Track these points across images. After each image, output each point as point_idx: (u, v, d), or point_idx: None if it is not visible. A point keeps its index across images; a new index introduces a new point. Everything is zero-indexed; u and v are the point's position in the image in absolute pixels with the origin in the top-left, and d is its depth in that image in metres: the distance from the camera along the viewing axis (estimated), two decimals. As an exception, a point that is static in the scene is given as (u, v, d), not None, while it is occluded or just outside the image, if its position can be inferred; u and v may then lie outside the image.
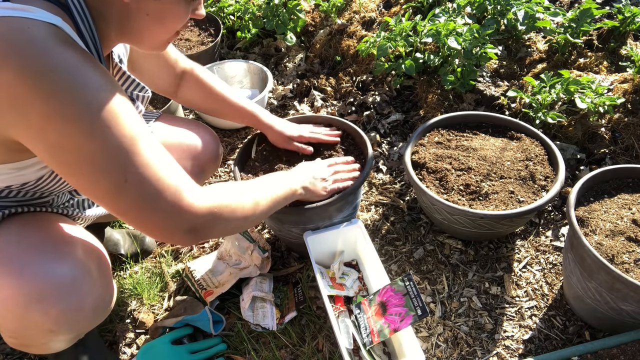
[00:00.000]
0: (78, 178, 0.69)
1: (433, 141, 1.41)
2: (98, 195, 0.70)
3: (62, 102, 0.63)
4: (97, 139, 0.66)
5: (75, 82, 0.64)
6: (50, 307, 0.79)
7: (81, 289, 0.83)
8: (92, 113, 0.65)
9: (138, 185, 0.70)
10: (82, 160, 0.66)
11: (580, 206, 1.12)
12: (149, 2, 0.74)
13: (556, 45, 1.72)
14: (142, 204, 0.71)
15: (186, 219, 0.75)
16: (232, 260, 1.31)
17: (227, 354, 1.17)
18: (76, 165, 0.67)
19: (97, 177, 0.68)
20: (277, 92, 2.05)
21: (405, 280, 1.03)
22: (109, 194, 0.69)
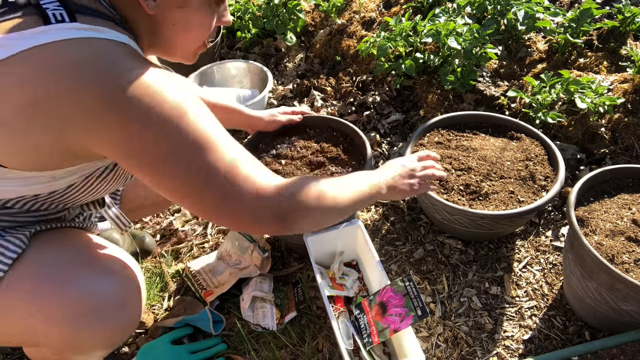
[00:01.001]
0: (162, 179, 0.70)
1: (433, 141, 1.41)
2: (180, 194, 0.71)
3: (154, 114, 0.65)
4: (186, 144, 0.68)
5: (163, 95, 0.65)
6: (97, 324, 0.80)
7: (125, 304, 0.84)
8: (182, 119, 0.67)
9: (223, 180, 0.70)
10: (171, 163, 0.68)
11: (580, 206, 1.12)
12: (173, 11, 0.74)
13: (556, 45, 1.72)
14: (227, 197, 0.71)
15: (271, 207, 0.74)
16: (232, 260, 1.31)
17: (227, 354, 1.17)
18: (163, 167, 0.68)
19: (183, 177, 0.69)
20: (277, 92, 2.05)
21: (405, 281, 1.03)
22: (194, 192, 0.70)
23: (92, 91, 0.61)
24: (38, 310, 0.76)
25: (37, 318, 0.77)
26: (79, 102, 0.61)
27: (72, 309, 0.77)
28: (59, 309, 0.77)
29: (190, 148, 0.68)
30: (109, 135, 0.65)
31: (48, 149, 0.67)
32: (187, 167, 0.68)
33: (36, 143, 0.65)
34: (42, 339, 0.80)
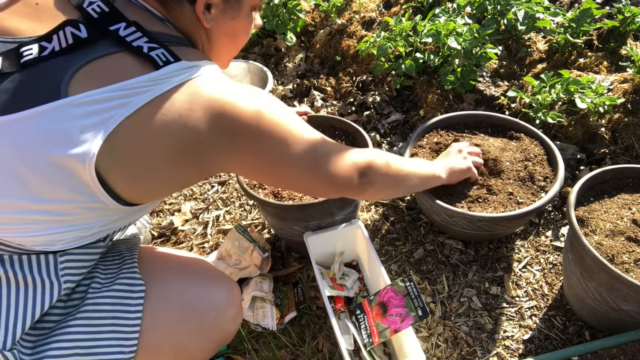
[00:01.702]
0: (285, 180, 0.82)
1: (432, 142, 1.41)
2: (301, 183, 0.84)
3: (266, 133, 0.73)
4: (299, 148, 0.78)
5: (271, 110, 0.74)
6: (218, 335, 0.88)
7: (238, 312, 0.92)
8: (291, 126, 0.77)
9: (325, 162, 0.82)
10: (291, 167, 0.78)
11: (580, 206, 1.12)
12: (226, 22, 0.78)
13: (556, 45, 1.72)
14: (333, 179, 0.83)
15: (356, 169, 0.86)
16: (232, 260, 1.31)
17: (227, 354, 1.17)
18: (288, 172, 0.80)
19: (301, 172, 0.80)
20: (277, 92, 2.05)
21: (406, 281, 1.03)
22: (309, 179, 0.82)
23: (223, 125, 0.67)
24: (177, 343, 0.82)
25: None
26: (216, 138, 0.68)
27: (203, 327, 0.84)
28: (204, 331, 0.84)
29: (297, 151, 0.77)
30: (239, 159, 0.73)
31: (191, 181, 0.75)
32: (294, 164, 0.78)
33: (177, 181, 0.72)
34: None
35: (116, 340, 0.73)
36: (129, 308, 0.76)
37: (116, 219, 0.72)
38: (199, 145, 0.67)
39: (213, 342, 0.87)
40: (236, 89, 0.71)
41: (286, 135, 0.75)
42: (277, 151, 0.75)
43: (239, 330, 1.21)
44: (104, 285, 0.76)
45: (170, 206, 1.64)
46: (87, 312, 0.73)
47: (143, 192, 0.70)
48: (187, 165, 0.68)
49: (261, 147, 0.73)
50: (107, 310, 0.74)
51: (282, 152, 0.75)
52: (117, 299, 0.75)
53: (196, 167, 0.70)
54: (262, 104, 0.73)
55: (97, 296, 0.74)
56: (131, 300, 0.76)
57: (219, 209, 1.61)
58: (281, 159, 0.76)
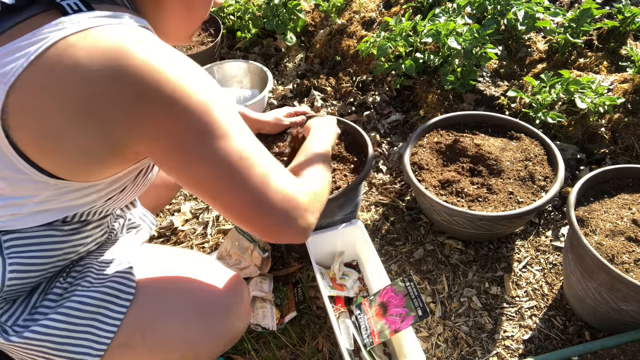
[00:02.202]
0: (200, 186, 0.68)
1: (432, 142, 1.41)
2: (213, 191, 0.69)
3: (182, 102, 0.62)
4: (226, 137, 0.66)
5: (195, 87, 0.63)
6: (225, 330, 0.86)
7: (247, 312, 0.90)
8: (211, 116, 0.64)
9: (255, 187, 0.68)
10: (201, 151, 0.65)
11: (580, 206, 1.12)
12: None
13: (556, 45, 1.72)
14: (257, 201, 0.69)
15: (295, 211, 0.73)
16: (232, 260, 1.31)
17: (227, 354, 1.17)
18: (194, 157, 0.65)
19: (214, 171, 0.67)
20: (277, 92, 2.05)
21: (406, 281, 1.03)
22: (223, 194, 0.68)
23: (130, 82, 0.58)
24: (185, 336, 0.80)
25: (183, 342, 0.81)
26: (116, 99, 0.59)
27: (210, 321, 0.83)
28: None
29: (235, 155, 0.66)
30: (151, 127, 0.62)
31: (96, 154, 0.64)
32: (229, 174, 0.67)
33: (84, 147, 0.62)
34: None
35: (87, 342, 0.73)
36: (109, 313, 0.75)
37: (48, 196, 0.68)
38: (100, 106, 0.58)
39: (222, 339, 0.86)
40: (156, 45, 0.62)
41: (211, 121, 0.64)
42: (196, 138, 0.63)
43: (239, 330, 1.21)
44: (93, 284, 0.76)
45: (170, 206, 1.64)
46: (69, 308, 0.73)
47: (59, 163, 0.64)
48: (90, 131, 0.60)
49: (177, 124, 0.62)
50: (88, 310, 0.74)
51: (202, 142, 0.64)
52: (102, 301, 0.75)
53: (102, 136, 0.61)
54: (186, 70, 0.63)
55: (83, 294, 0.74)
56: (114, 305, 0.75)
57: (219, 209, 1.61)
58: (198, 149, 0.64)
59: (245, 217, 0.70)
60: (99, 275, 0.78)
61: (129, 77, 0.58)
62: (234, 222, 0.72)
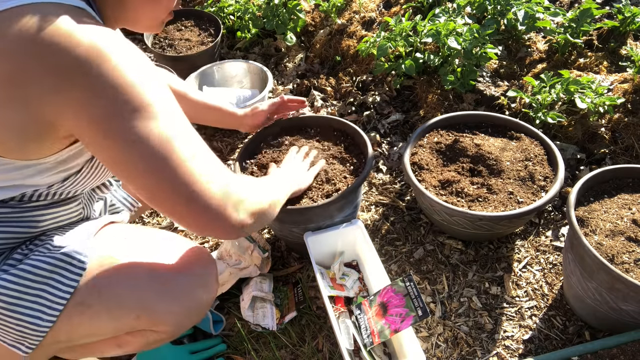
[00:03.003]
0: (119, 154, 0.66)
1: (432, 142, 1.41)
2: (137, 176, 0.68)
3: (105, 78, 0.61)
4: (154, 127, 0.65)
5: (114, 58, 0.62)
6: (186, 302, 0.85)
7: (208, 284, 0.89)
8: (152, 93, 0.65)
9: (185, 185, 0.68)
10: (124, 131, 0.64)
11: (580, 206, 1.12)
12: None
13: (556, 45, 1.72)
14: (189, 201, 0.69)
15: (225, 205, 0.73)
16: (232, 260, 1.31)
17: (227, 354, 1.17)
18: (119, 137, 0.64)
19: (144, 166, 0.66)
20: (277, 92, 2.05)
21: (406, 281, 1.03)
22: (152, 188, 0.68)
23: (50, 61, 0.59)
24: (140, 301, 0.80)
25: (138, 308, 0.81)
26: (40, 73, 0.59)
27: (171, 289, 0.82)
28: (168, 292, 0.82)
29: (157, 138, 0.65)
30: (71, 105, 0.62)
31: (26, 130, 0.65)
32: (148, 156, 0.65)
33: (10, 123, 0.63)
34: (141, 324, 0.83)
35: (39, 305, 0.75)
36: (62, 280, 0.76)
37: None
38: (23, 80, 0.60)
39: (183, 306, 0.84)
40: (85, 22, 0.62)
41: (139, 104, 0.63)
42: (119, 119, 0.62)
43: (239, 330, 1.21)
44: (50, 251, 0.77)
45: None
46: (23, 270, 0.74)
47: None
48: (13, 106, 0.61)
49: (98, 104, 0.61)
50: (42, 274, 0.75)
51: (125, 123, 0.62)
52: (56, 267, 0.76)
53: (25, 111, 0.62)
54: (107, 42, 0.62)
55: (38, 259, 0.76)
56: (68, 272, 0.77)
57: (219, 209, 1.61)
58: (121, 131, 0.62)
59: (169, 204, 0.69)
60: (58, 244, 0.80)
61: (51, 49, 0.59)
62: (159, 210, 0.71)
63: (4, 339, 0.77)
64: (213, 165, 0.73)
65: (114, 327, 0.82)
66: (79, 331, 0.79)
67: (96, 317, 0.79)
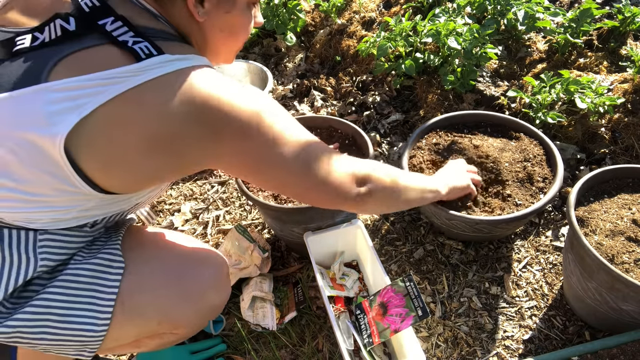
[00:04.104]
0: (263, 176, 0.78)
1: (431, 143, 1.41)
2: (293, 188, 0.82)
3: (255, 130, 0.71)
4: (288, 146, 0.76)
5: (259, 113, 0.71)
6: (200, 305, 0.89)
7: (219, 286, 0.93)
8: (275, 130, 0.74)
9: (320, 167, 0.79)
10: (269, 166, 0.76)
11: (580, 206, 1.12)
12: (220, 17, 0.78)
13: (556, 45, 1.72)
14: (324, 187, 0.81)
15: (355, 179, 0.85)
16: (232, 260, 1.31)
17: (227, 354, 1.17)
18: (267, 168, 0.76)
19: (291, 175, 0.78)
20: (277, 92, 2.05)
21: (406, 281, 1.03)
22: (302, 184, 0.80)
23: (204, 121, 0.66)
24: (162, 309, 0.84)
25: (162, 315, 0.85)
26: (195, 135, 0.67)
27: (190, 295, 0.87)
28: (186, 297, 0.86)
29: (289, 153, 0.75)
30: (224, 155, 0.71)
31: (165, 175, 0.74)
32: (285, 167, 0.77)
33: (156, 173, 0.71)
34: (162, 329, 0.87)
35: (90, 312, 0.76)
36: (106, 282, 0.78)
37: (94, 205, 0.73)
38: (173, 138, 0.66)
39: (199, 309, 0.88)
40: (222, 82, 0.69)
41: (275, 135, 0.74)
42: (264, 151, 0.73)
43: (239, 330, 1.21)
44: (85, 258, 0.79)
45: (170, 206, 1.64)
46: (65, 281, 0.75)
47: (117, 181, 0.70)
48: (160, 157, 0.68)
49: (247, 147, 0.72)
50: (84, 282, 0.76)
51: (270, 153, 0.74)
52: (96, 272, 0.78)
53: (171, 160, 0.69)
54: (254, 100, 0.72)
55: (77, 267, 0.77)
56: (109, 275, 0.79)
57: (219, 209, 1.61)
58: (268, 159, 0.75)
59: (311, 198, 0.85)
60: (91, 248, 0.81)
61: (201, 115, 0.66)
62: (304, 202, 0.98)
63: (67, 352, 0.78)
64: (340, 157, 0.85)
65: (136, 334, 0.84)
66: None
67: (119, 326, 0.80)
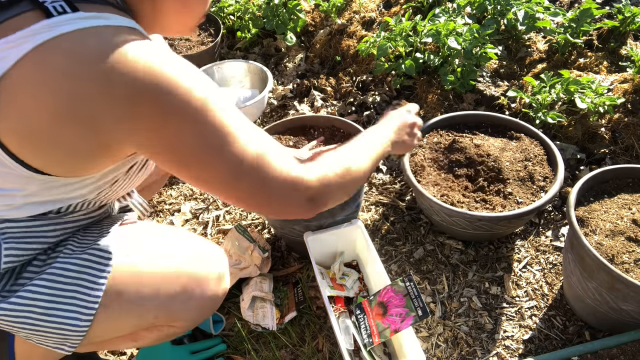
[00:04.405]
0: (192, 170, 0.68)
1: (432, 142, 1.41)
2: (215, 184, 0.70)
3: (183, 107, 0.62)
4: (211, 127, 0.65)
5: (189, 87, 0.63)
6: (202, 298, 0.89)
7: (221, 278, 0.93)
8: (208, 112, 0.64)
9: (253, 171, 0.69)
10: (200, 151, 0.66)
11: (580, 206, 1.12)
12: None
13: (556, 45, 1.72)
14: (260, 188, 0.71)
15: (303, 192, 0.74)
16: (232, 260, 1.31)
17: (227, 354, 1.17)
18: (194, 157, 0.66)
19: (215, 165, 0.67)
20: (277, 92, 2.05)
21: (406, 281, 1.03)
22: (225, 182, 0.69)
23: (118, 89, 0.58)
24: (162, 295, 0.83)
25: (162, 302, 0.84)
26: (107, 99, 0.59)
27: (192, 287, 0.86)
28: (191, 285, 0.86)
29: (218, 141, 0.66)
30: (141, 128, 0.62)
31: (84, 153, 0.65)
32: (217, 160, 0.67)
33: (74, 148, 0.63)
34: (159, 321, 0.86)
35: (74, 307, 0.75)
36: (94, 279, 0.77)
37: (38, 189, 0.69)
38: (90, 108, 0.59)
39: (198, 304, 0.88)
40: (148, 47, 0.61)
41: (208, 116, 0.64)
42: (192, 136, 0.64)
43: (239, 330, 1.21)
44: (75, 252, 0.78)
45: (170, 206, 1.64)
46: (52, 274, 0.74)
47: (47, 160, 0.65)
48: (80, 132, 0.61)
49: (167, 132, 0.62)
50: (72, 276, 0.75)
51: (197, 139, 0.64)
52: (84, 267, 0.76)
53: (92, 137, 0.62)
54: (193, 76, 0.63)
55: (65, 261, 0.76)
56: (97, 271, 0.77)
57: (219, 209, 1.61)
58: (196, 147, 0.65)
59: (251, 205, 0.74)
60: (81, 243, 0.80)
61: (118, 78, 0.58)
62: (243, 208, 0.78)
63: (47, 344, 0.78)
64: (285, 158, 0.75)
65: (132, 326, 0.84)
66: (96, 331, 0.80)
67: (115, 318, 0.79)
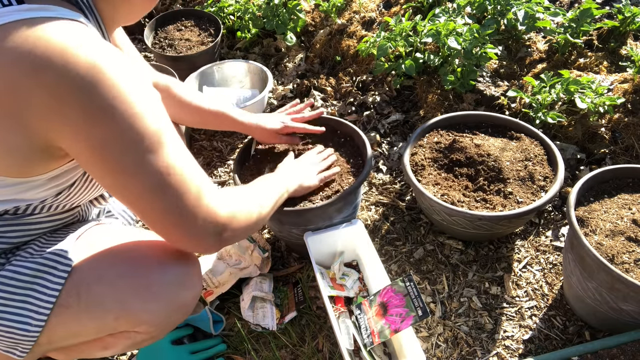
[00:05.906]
0: (115, 178, 0.66)
1: (432, 142, 1.41)
2: (131, 196, 0.68)
3: (107, 100, 0.60)
4: (138, 135, 0.63)
5: (114, 78, 0.60)
6: (166, 302, 0.83)
7: (191, 283, 0.87)
8: (137, 119, 0.62)
9: (174, 184, 0.68)
10: (125, 158, 0.64)
11: (580, 206, 1.12)
12: None
13: (556, 45, 1.72)
14: (175, 206, 0.69)
15: (211, 225, 0.74)
16: (232, 260, 1.31)
17: (227, 354, 1.17)
18: (118, 163, 0.64)
19: (137, 177, 0.66)
20: (277, 92, 2.05)
21: (406, 281, 1.03)
22: (142, 196, 0.68)
23: (46, 78, 0.56)
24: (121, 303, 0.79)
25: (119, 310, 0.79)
26: (36, 91, 0.57)
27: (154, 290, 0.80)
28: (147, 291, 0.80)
29: (142, 153, 0.64)
30: (69, 125, 0.60)
31: (21, 150, 0.64)
32: (138, 173, 0.65)
33: (8, 144, 0.62)
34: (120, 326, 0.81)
35: (27, 311, 0.74)
36: (47, 283, 0.75)
37: None
38: (18, 101, 0.57)
39: (162, 306, 0.82)
40: (79, 38, 0.58)
41: (140, 131, 0.62)
42: (113, 142, 0.61)
43: (239, 330, 1.21)
44: (32, 255, 0.77)
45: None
46: (5, 277, 0.73)
47: None
48: (9, 127, 0.60)
49: (91, 134, 0.60)
50: (25, 280, 0.74)
51: (128, 153, 0.62)
52: (39, 272, 0.75)
53: (23, 133, 0.61)
54: (105, 61, 0.59)
55: (20, 264, 0.75)
56: (51, 276, 0.76)
57: (219, 209, 1.61)
58: (124, 160, 0.63)
59: (164, 229, 0.72)
60: (42, 246, 0.79)
61: (46, 70, 0.56)
62: (152, 230, 0.74)
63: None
64: (210, 190, 0.74)
65: (94, 328, 0.81)
66: (58, 333, 0.78)
67: (76, 319, 0.77)
